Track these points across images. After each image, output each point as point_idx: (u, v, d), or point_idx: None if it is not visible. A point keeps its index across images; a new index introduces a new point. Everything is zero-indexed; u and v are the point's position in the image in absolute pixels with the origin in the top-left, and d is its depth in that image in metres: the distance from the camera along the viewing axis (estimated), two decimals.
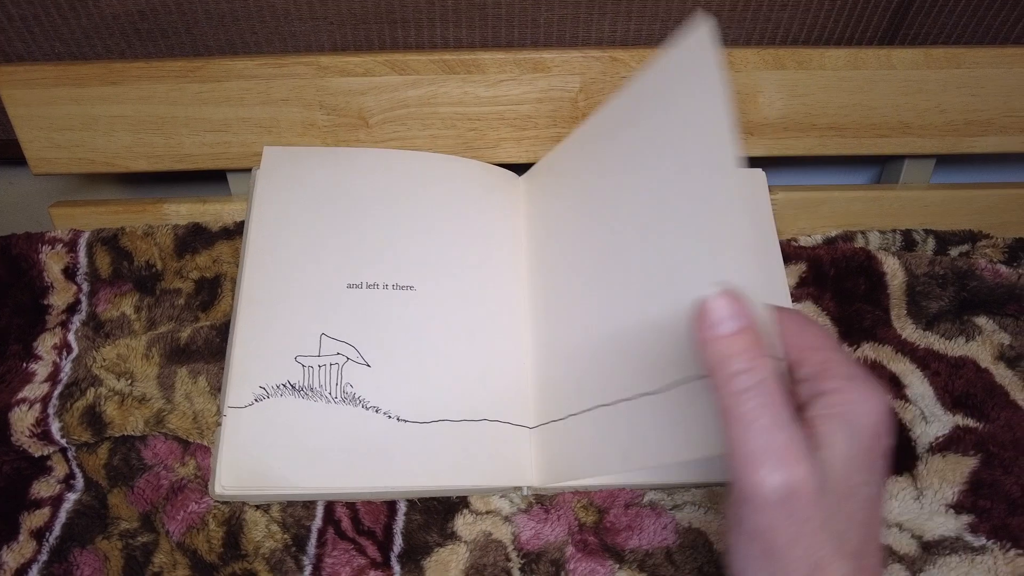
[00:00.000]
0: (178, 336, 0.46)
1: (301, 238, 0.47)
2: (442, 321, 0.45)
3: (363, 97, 0.51)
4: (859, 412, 0.27)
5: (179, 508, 0.40)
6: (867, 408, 0.27)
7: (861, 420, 0.27)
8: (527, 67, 0.51)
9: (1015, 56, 0.52)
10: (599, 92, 0.52)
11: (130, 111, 0.51)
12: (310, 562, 0.39)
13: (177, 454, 0.43)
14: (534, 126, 0.53)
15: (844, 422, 0.27)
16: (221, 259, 0.51)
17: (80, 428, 0.42)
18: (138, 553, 0.40)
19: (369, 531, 0.40)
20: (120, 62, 0.50)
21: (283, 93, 0.51)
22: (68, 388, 0.43)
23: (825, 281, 0.51)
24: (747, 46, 0.53)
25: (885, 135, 0.54)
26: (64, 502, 0.42)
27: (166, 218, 0.54)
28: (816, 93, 0.52)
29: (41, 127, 0.51)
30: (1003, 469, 0.42)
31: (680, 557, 0.39)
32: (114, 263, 0.51)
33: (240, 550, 0.39)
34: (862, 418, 0.27)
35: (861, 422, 0.27)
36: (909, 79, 0.52)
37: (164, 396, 0.44)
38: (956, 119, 0.54)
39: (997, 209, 0.57)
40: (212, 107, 0.51)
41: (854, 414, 0.27)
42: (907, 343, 0.50)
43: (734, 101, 0.51)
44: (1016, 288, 0.50)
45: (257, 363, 0.43)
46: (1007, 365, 0.49)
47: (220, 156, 0.53)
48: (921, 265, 0.51)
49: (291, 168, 0.49)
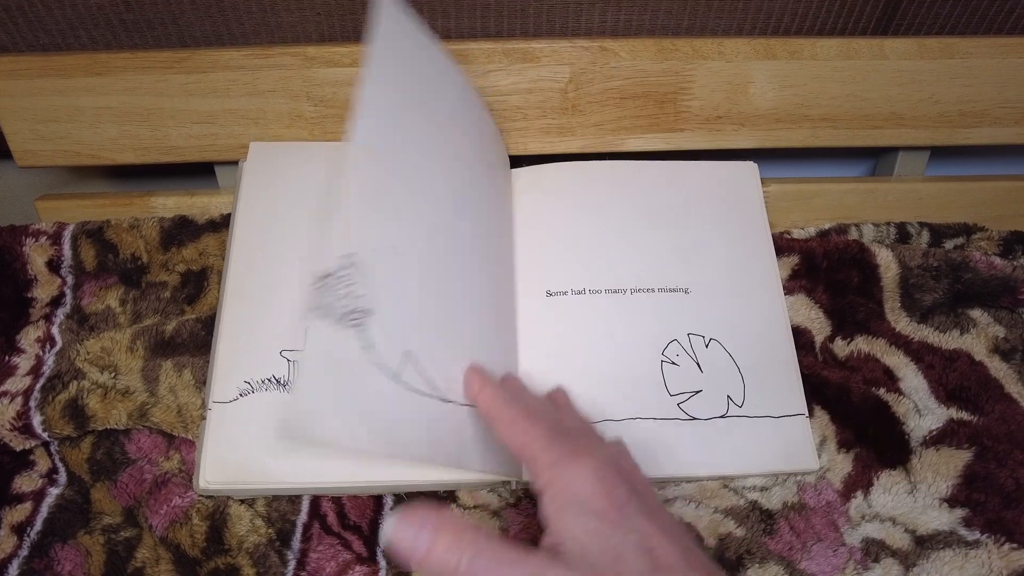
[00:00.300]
0: (163, 329, 0.46)
1: (287, 232, 0.46)
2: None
3: (351, 88, 0.50)
4: (575, 491, 0.29)
5: (162, 502, 0.40)
6: (580, 483, 0.29)
7: (580, 496, 0.29)
8: (516, 57, 0.50)
9: (1008, 46, 0.51)
10: (589, 82, 0.51)
11: (115, 102, 0.50)
12: (294, 557, 0.38)
13: (161, 448, 0.43)
14: (524, 117, 0.52)
15: (567, 505, 0.29)
16: (207, 252, 0.51)
17: (62, 421, 0.41)
18: (120, 548, 0.39)
19: (355, 526, 0.40)
20: (105, 53, 0.49)
21: (270, 84, 0.50)
22: (50, 381, 0.43)
23: (818, 274, 0.51)
24: (738, 36, 0.52)
25: (878, 126, 0.54)
26: (46, 496, 0.41)
27: (153, 211, 0.54)
28: (808, 84, 0.52)
29: (25, 119, 0.50)
30: (997, 462, 0.42)
31: None
32: (99, 256, 0.50)
33: (223, 545, 0.39)
34: (580, 494, 0.29)
35: (581, 496, 0.29)
36: (902, 70, 0.52)
37: (148, 389, 0.43)
38: (950, 110, 0.53)
39: (992, 201, 0.57)
40: (198, 98, 0.50)
41: (571, 494, 0.29)
42: (901, 336, 0.49)
43: (724, 92, 0.52)
44: (1011, 280, 0.50)
45: (242, 357, 0.42)
46: (1002, 358, 0.48)
47: (207, 148, 0.52)
48: (915, 257, 0.51)
49: (277, 163, 0.49)
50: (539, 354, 0.45)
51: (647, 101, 0.52)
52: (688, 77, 0.51)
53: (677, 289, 0.47)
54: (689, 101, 0.52)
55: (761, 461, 0.43)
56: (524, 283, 0.47)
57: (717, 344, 0.45)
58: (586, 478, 0.29)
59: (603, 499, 0.29)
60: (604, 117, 0.53)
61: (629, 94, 0.52)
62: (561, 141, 0.53)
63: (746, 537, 0.39)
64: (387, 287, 0.34)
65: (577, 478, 0.29)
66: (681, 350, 0.45)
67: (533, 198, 0.50)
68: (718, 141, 0.54)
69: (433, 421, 0.36)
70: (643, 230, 0.49)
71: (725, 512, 0.40)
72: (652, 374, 0.44)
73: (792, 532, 0.39)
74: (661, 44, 0.50)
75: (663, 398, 0.44)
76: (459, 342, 0.38)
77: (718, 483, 0.42)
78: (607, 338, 0.45)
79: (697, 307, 0.47)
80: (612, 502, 0.29)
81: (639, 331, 0.45)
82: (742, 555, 0.38)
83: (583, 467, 0.30)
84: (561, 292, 0.47)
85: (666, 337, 0.45)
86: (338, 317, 0.32)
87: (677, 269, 0.48)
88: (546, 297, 0.46)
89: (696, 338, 0.46)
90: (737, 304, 0.47)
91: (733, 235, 0.50)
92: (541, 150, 0.53)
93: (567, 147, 0.53)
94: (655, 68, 0.51)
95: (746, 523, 0.40)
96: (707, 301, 0.47)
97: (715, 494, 0.41)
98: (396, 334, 0.34)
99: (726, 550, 0.38)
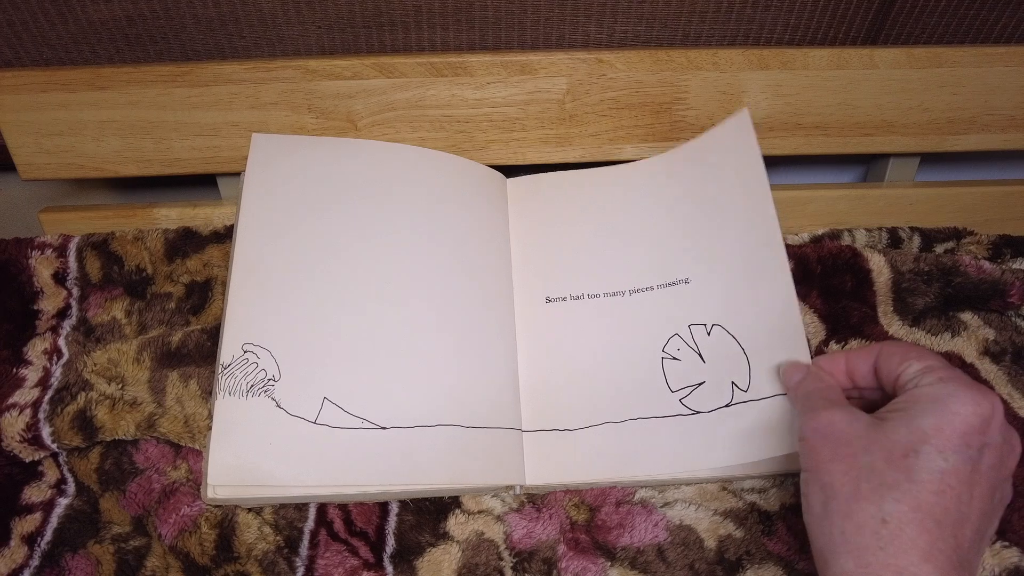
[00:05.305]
0: (169, 340, 0.46)
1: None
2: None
3: (351, 100, 0.51)
4: (962, 399, 0.31)
5: (171, 511, 0.40)
6: (970, 402, 0.31)
7: (959, 408, 0.31)
8: (514, 69, 0.51)
9: (995, 55, 0.52)
10: (586, 93, 0.52)
11: (119, 116, 0.51)
12: (303, 563, 0.39)
13: (169, 458, 0.43)
14: (522, 128, 0.53)
15: (938, 401, 0.31)
16: (212, 263, 0.51)
17: (71, 433, 0.42)
18: (130, 557, 0.40)
19: (361, 532, 0.41)
20: (108, 67, 0.50)
21: (272, 97, 0.51)
22: (59, 393, 0.43)
23: (812, 279, 0.52)
24: (732, 47, 0.53)
25: (869, 134, 0.55)
26: (56, 507, 0.42)
27: (156, 223, 0.54)
28: (800, 93, 0.53)
29: (30, 132, 0.51)
30: None
31: (671, 554, 0.39)
32: (104, 268, 0.51)
33: (232, 552, 0.39)
34: (961, 406, 0.31)
35: (958, 409, 0.31)
36: (892, 78, 0.53)
37: (155, 400, 0.44)
38: (939, 117, 0.54)
39: (981, 206, 0.58)
40: (201, 111, 0.51)
41: (954, 400, 0.31)
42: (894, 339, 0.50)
43: (719, 102, 0.52)
44: (1000, 284, 0.51)
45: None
46: (992, 360, 0.49)
47: (210, 160, 0.53)
48: (907, 262, 0.52)
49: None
50: (539, 359, 0.45)
51: (643, 111, 0.53)
52: (683, 87, 0.52)
53: (677, 281, 0.46)
54: (684, 111, 0.53)
55: (768, 447, 0.41)
56: (523, 291, 0.48)
57: (720, 329, 0.44)
58: (979, 410, 0.31)
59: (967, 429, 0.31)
60: (601, 127, 0.54)
61: (625, 104, 0.53)
62: (559, 151, 0.54)
63: (745, 538, 0.40)
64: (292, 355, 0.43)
65: (964, 409, 0.31)
66: (682, 343, 0.44)
67: (530, 207, 0.51)
68: None
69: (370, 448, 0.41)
70: (641, 229, 0.49)
71: (724, 514, 0.41)
72: (653, 372, 0.44)
73: (791, 533, 0.40)
74: (656, 55, 0.51)
75: (664, 395, 0.43)
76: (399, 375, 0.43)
77: (717, 485, 0.43)
78: (607, 341, 0.46)
79: (699, 295, 0.45)
80: (975, 441, 0.31)
81: (639, 332, 0.45)
82: (741, 556, 0.39)
83: (985, 401, 0.31)
84: (560, 298, 0.47)
85: (666, 333, 0.45)
86: (244, 392, 0.41)
87: (677, 260, 0.47)
88: (545, 303, 0.47)
89: (698, 328, 0.44)
90: (741, 283, 0.45)
91: (735, 211, 0.47)
92: (539, 160, 0.54)
93: (565, 157, 0.54)
94: (651, 79, 0.52)
95: (745, 524, 0.41)
96: (709, 287, 0.45)
97: (714, 496, 0.42)
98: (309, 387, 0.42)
99: (726, 551, 0.39)
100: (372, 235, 0.47)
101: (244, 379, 0.42)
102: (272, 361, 0.42)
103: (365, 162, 0.50)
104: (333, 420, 0.41)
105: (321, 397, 0.42)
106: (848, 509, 0.30)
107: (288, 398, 0.42)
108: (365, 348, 0.44)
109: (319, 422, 0.41)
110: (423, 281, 0.46)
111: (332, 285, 0.45)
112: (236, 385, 0.41)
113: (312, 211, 0.47)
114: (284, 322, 0.44)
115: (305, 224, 0.47)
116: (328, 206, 0.48)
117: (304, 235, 0.47)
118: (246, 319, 0.44)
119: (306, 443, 0.41)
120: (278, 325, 0.44)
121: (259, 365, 0.42)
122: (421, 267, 0.47)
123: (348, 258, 0.46)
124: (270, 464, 0.40)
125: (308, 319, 0.44)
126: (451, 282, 0.47)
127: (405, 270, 0.46)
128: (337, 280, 0.45)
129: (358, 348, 0.44)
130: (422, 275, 0.46)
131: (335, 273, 0.46)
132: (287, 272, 0.45)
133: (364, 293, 0.45)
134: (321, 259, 0.46)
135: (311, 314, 0.44)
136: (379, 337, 0.44)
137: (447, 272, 0.47)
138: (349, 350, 0.43)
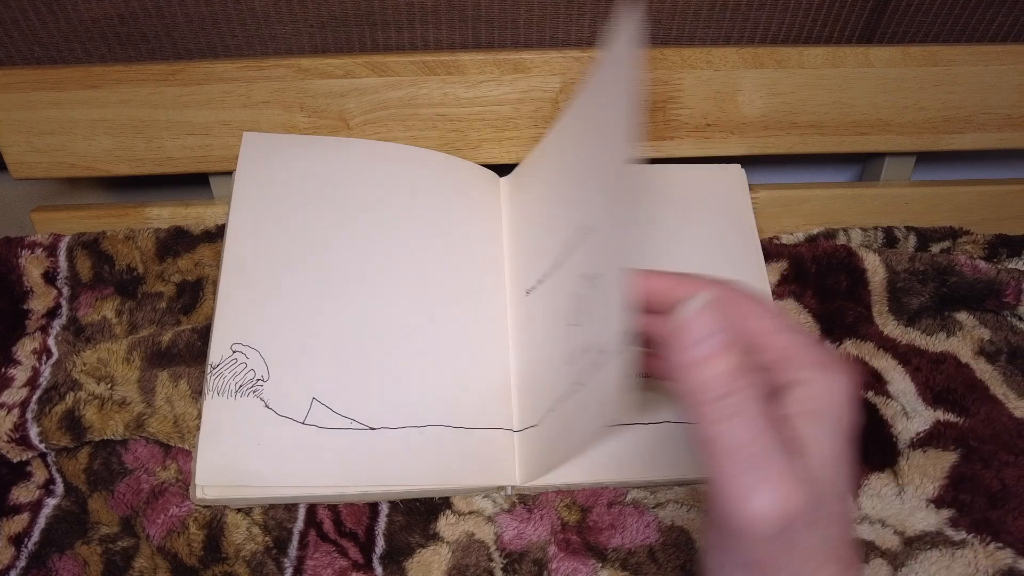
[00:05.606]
0: (159, 340, 0.46)
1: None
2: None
3: (344, 99, 0.51)
4: (835, 403, 0.26)
5: (159, 512, 0.40)
6: (841, 396, 0.26)
7: (837, 412, 0.25)
8: (507, 68, 0.51)
9: (990, 53, 0.52)
10: None
11: (110, 115, 0.50)
12: (291, 564, 0.39)
13: (158, 458, 0.43)
14: (515, 127, 0.53)
15: (823, 418, 0.25)
16: (203, 262, 0.51)
17: (59, 433, 0.42)
18: (118, 558, 0.39)
19: (351, 533, 0.40)
20: (100, 66, 0.49)
21: (264, 96, 0.50)
22: (47, 392, 0.43)
23: (807, 278, 0.52)
24: (726, 45, 0.53)
25: (865, 133, 0.55)
26: (43, 507, 0.41)
27: (148, 222, 0.54)
28: (795, 91, 0.53)
29: (20, 131, 0.51)
30: (983, 463, 0.43)
31: (663, 555, 0.39)
32: (95, 267, 0.50)
33: (221, 553, 0.39)
34: (838, 408, 0.26)
35: (838, 413, 0.25)
36: (887, 77, 0.52)
37: (144, 400, 0.44)
38: (934, 116, 0.54)
39: (977, 206, 0.58)
40: (193, 110, 0.51)
41: (832, 406, 0.25)
42: (888, 339, 0.50)
43: (713, 100, 0.52)
44: (995, 283, 0.51)
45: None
46: (987, 360, 0.49)
47: (202, 159, 0.53)
48: (902, 262, 0.52)
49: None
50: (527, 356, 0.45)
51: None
52: (677, 86, 0.52)
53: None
54: (679, 109, 0.53)
55: None
56: (512, 289, 0.47)
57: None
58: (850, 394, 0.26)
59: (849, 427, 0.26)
60: None
61: None
62: None
63: None
64: (281, 356, 0.42)
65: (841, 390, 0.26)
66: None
67: (518, 201, 0.51)
68: (707, 149, 0.55)
69: (359, 449, 0.41)
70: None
71: None
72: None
73: None
74: (650, 53, 0.51)
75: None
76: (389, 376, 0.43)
77: (705, 509, 0.43)
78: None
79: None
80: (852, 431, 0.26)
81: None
82: None
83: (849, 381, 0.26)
84: (533, 287, 0.47)
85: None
86: (232, 392, 0.41)
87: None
88: (525, 296, 0.46)
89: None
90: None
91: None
92: None
93: None
94: (644, 77, 0.52)
95: None
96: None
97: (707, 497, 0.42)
98: (298, 387, 0.42)
99: None
100: (363, 235, 0.47)
101: (233, 379, 0.41)
102: (261, 361, 0.42)
103: (357, 161, 0.50)
104: (322, 421, 0.41)
105: (310, 397, 0.42)
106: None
107: (277, 398, 0.41)
108: (354, 349, 0.43)
109: (308, 422, 0.41)
110: (414, 282, 0.46)
111: (322, 286, 0.45)
112: (225, 385, 0.41)
113: (303, 211, 0.47)
114: (273, 322, 0.43)
115: (296, 224, 0.47)
116: (320, 205, 0.48)
117: (295, 235, 0.46)
118: (235, 319, 0.43)
119: (295, 444, 0.40)
120: (267, 325, 0.43)
121: (248, 365, 0.42)
122: (412, 268, 0.46)
123: (339, 258, 0.46)
124: (258, 464, 0.40)
125: (297, 319, 0.44)
126: (442, 283, 0.46)
127: (396, 271, 0.46)
128: (327, 281, 0.45)
129: (347, 349, 0.43)
130: (413, 276, 0.46)
131: (325, 274, 0.45)
132: (277, 272, 0.45)
133: (354, 294, 0.45)
134: (312, 259, 0.46)
135: (300, 314, 0.44)
136: (369, 338, 0.44)
137: (438, 273, 0.47)
138: (338, 351, 0.43)
